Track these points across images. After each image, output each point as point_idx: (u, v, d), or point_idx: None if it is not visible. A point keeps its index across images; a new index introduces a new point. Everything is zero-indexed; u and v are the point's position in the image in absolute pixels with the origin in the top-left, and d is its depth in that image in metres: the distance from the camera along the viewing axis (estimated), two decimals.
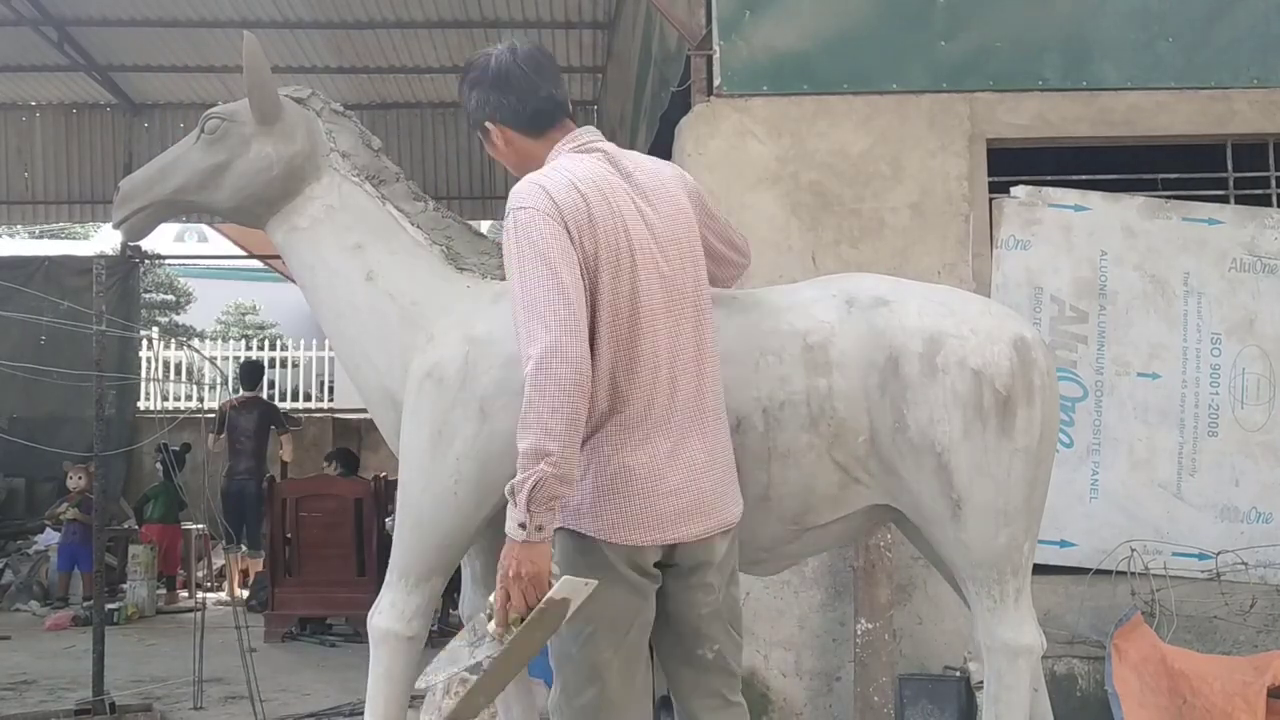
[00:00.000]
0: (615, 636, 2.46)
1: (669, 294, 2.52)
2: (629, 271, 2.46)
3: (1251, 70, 4.91)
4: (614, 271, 2.44)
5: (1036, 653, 3.08)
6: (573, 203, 2.43)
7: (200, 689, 5.63)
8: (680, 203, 2.64)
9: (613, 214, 2.48)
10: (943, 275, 4.67)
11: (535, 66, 2.64)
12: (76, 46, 9.91)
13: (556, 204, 2.42)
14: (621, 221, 2.48)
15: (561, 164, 2.56)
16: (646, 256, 2.50)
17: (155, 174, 3.47)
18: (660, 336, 2.49)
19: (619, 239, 2.46)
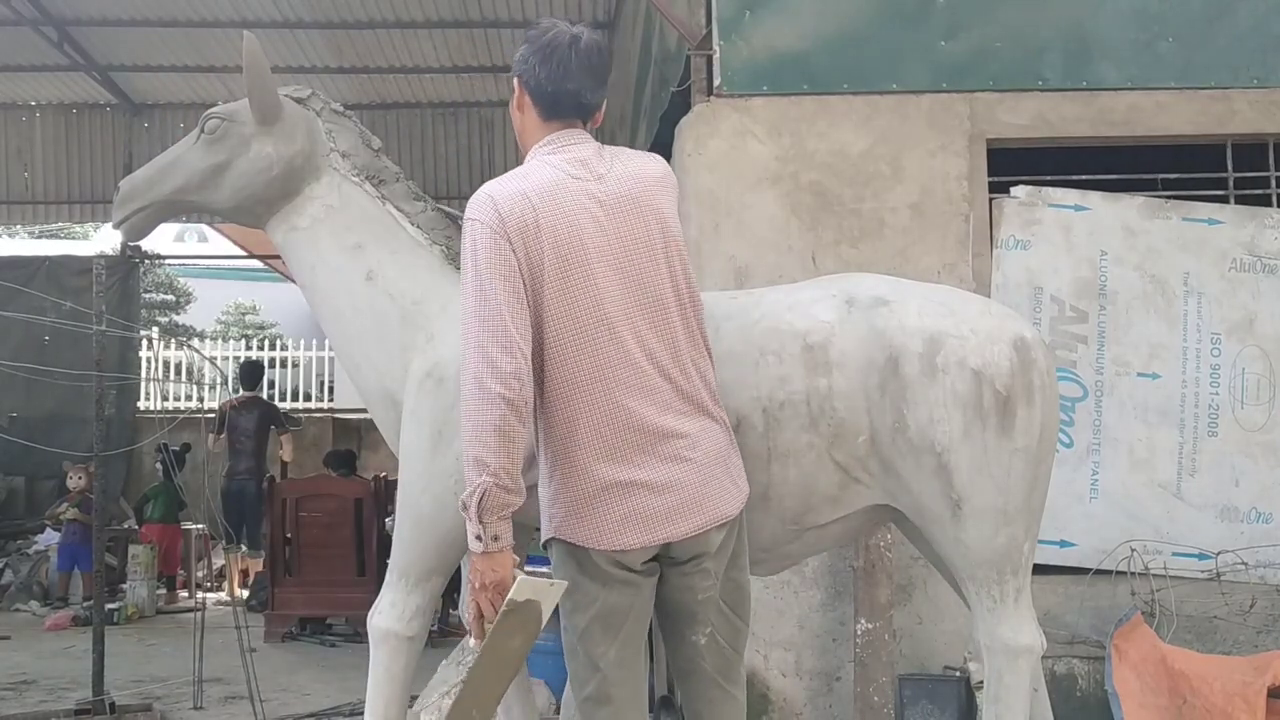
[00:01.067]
0: (610, 630, 2.52)
1: (637, 296, 2.52)
2: (583, 279, 2.47)
3: (1251, 70, 4.91)
4: (563, 281, 2.46)
5: (1036, 653, 3.08)
6: (519, 214, 2.45)
7: (200, 689, 5.63)
8: (656, 203, 2.61)
9: (566, 222, 2.48)
10: (943, 275, 4.67)
11: (585, 59, 2.63)
12: (76, 46, 9.91)
13: (502, 217, 2.45)
14: (576, 229, 2.49)
15: (525, 170, 2.59)
16: (608, 262, 2.50)
17: (155, 174, 3.47)
18: (627, 339, 2.49)
19: (571, 247, 2.47)
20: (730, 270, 4.73)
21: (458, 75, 10.52)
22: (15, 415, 10.49)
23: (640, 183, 2.61)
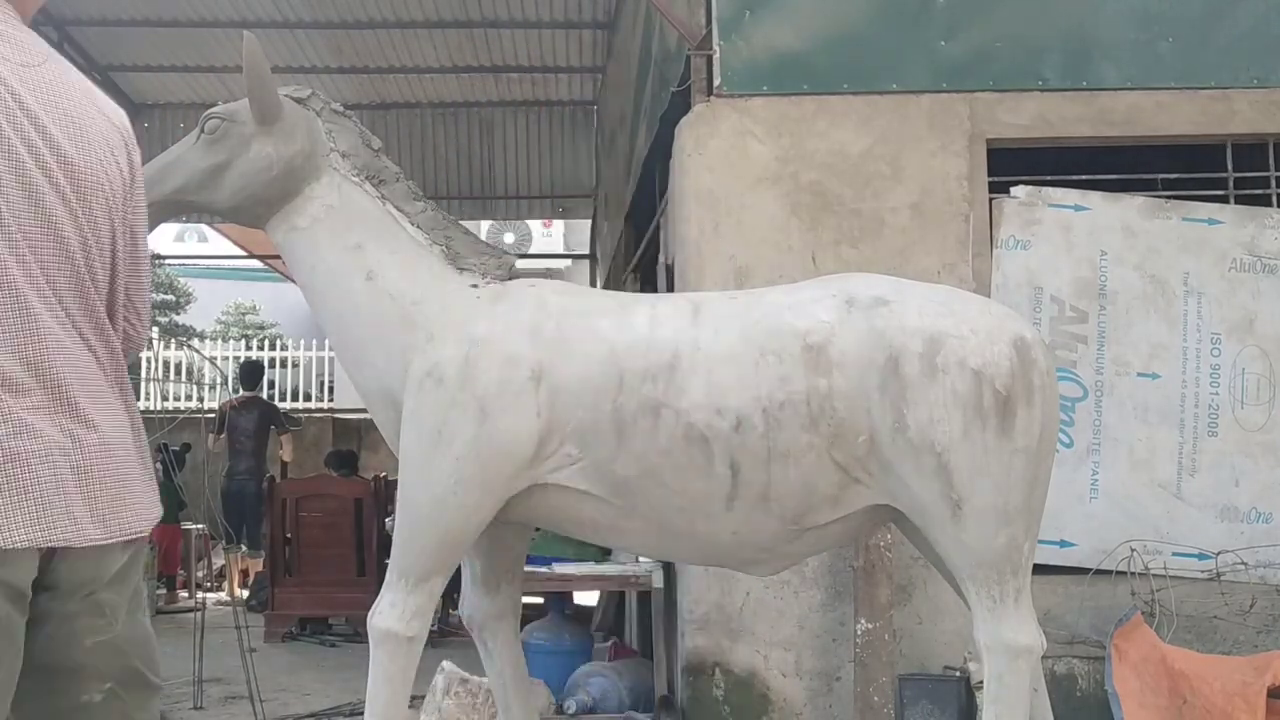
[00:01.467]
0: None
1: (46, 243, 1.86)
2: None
3: (1251, 70, 4.91)
4: None
5: (1036, 653, 3.08)
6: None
7: (200, 689, 5.62)
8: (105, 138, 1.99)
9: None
10: (943, 275, 4.67)
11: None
12: (76, 46, 9.90)
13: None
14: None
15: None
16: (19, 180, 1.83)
17: (155, 174, 3.46)
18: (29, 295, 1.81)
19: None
20: (730, 270, 4.73)
21: (457, 75, 10.51)
22: None
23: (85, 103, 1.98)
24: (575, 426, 3.07)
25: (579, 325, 3.16)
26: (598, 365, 3.08)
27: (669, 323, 3.15)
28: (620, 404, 3.05)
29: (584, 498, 3.14)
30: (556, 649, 5.29)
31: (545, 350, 3.10)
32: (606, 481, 3.10)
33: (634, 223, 7.92)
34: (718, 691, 4.61)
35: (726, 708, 4.60)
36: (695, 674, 4.61)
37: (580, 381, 3.07)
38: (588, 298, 3.45)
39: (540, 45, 9.85)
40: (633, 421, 3.04)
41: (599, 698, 4.91)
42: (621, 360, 3.08)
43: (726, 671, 4.62)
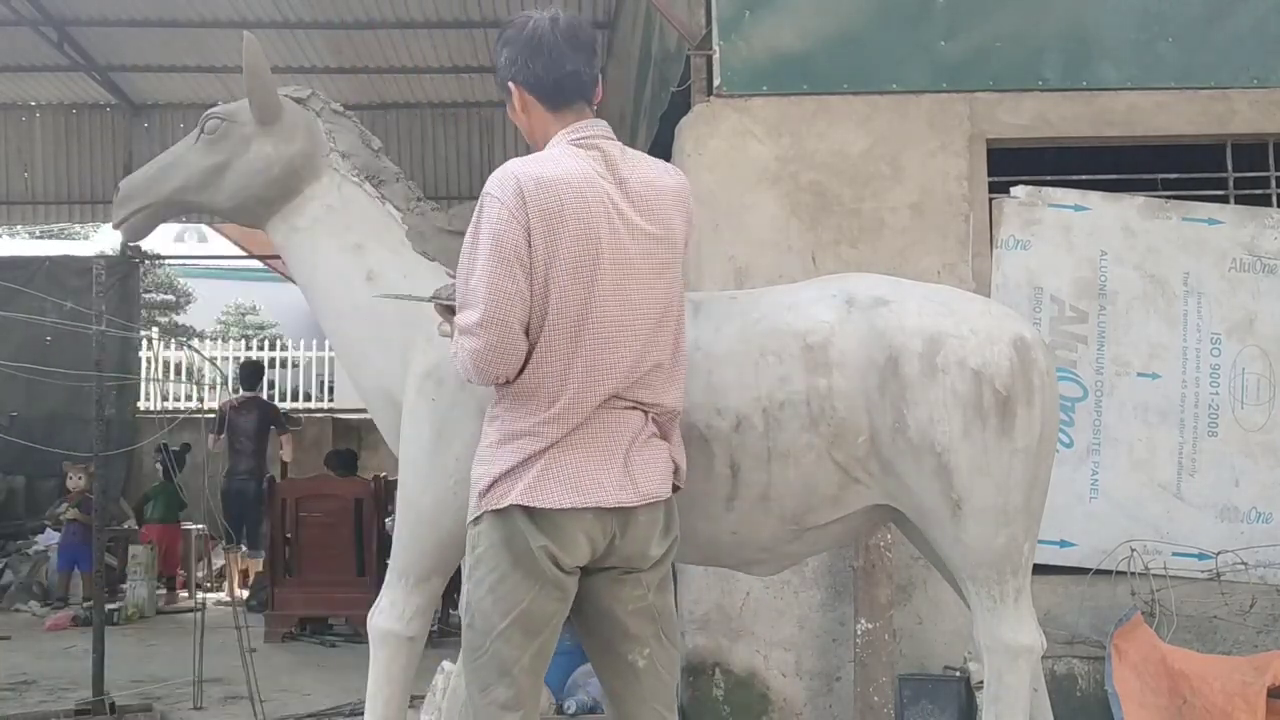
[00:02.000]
0: (530, 635, 2.47)
1: (628, 308, 2.50)
2: (585, 282, 2.45)
3: (1251, 70, 4.91)
4: (569, 280, 2.44)
5: (1036, 653, 3.08)
6: (542, 204, 2.43)
7: (200, 689, 5.62)
8: (670, 220, 2.60)
9: (585, 221, 2.45)
10: (943, 275, 4.67)
11: (571, 39, 2.60)
12: (76, 46, 9.91)
13: (525, 202, 2.42)
14: (593, 230, 2.46)
15: (551, 155, 2.55)
16: (610, 267, 2.47)
17: (155, 174, 3.47)
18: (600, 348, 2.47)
19: (584, 247, 2.44)
20: (730, 270, 4.73)
21: (457, 75, 10.52)
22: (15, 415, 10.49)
23: (657, 195, 2.59)
24: None
25: None
26: None
27: None
28: None
29: None
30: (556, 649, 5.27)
31: None
32: None
33: None
34: (718, 691, 4.61)
35: (726, 708, 4.60)
36: (695, 674, 4.61)
37: None
38: None
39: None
40: None
41: (599, 698, 4.91)
42: None
43: (726, 671, 4.62)
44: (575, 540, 2.45)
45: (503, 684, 2.45)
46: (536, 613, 2.45)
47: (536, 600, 2.44)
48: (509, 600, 2.43)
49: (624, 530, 2.50)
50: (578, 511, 2.44)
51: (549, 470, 2.44)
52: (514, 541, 2.44)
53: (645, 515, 2.53)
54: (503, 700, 2.45)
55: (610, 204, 2.50)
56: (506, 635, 2.44)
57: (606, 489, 2.46)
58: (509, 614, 2.44)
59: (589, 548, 2.48)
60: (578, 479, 2.45)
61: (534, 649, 2.47)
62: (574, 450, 2.46)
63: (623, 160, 2.59)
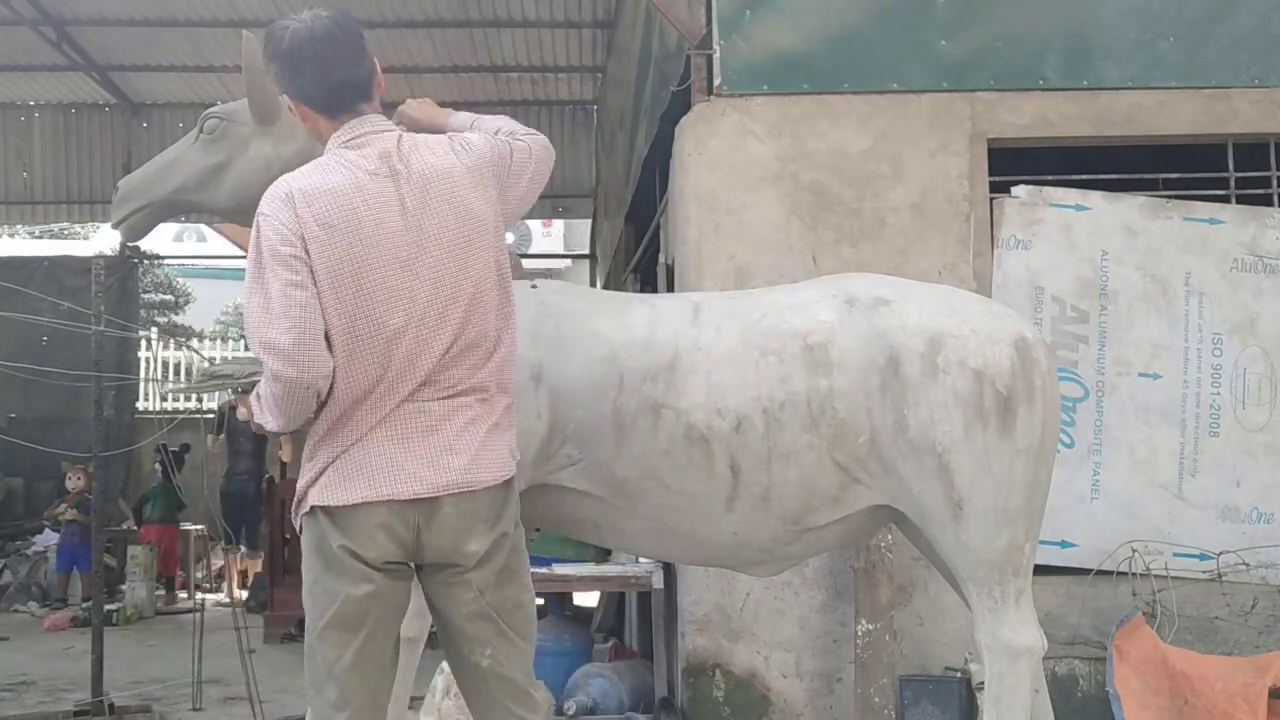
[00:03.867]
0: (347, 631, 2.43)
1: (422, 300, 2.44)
2: (366, 285, 2.40)
3: (1252, 70, 4.90)
4: (349, 285, 2.40)
5: (1037, 654, 3.07)
6: (315, 213, 2.41)
7: (199, 690, 5.62)
8: (464, 200, 2.52)
9: (356, 224, 2.42)
10: (943, 275, 4.66)
11: (333, 45, 2.53)
12: (75, 46, 9.90)
13: (297, 215, 2.41)
14: (365, 231, 2.42)
15: (321, 164, 2.52)
16: (401, 261, 2.43)
17: (154, 174, 3.45)
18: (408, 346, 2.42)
19: (358, 250, 2.41)
20: (730, 270, 4.72)
21: (457, 75, 10.51)
22: (14, 415, 10.49)
23: (441, 179, 2.52)
24: (575, 427, 3.06)
25: (579, 326, 3.15)
26: (598, 366, 3.07)
27: (669, 323, 3.14)
28: (620, 404, 3.04)
29: (584, 498, 3.13)
30: (556, 650, 5.27)
31: (545, 351, 3.09)
32: (607, 482, 3.09)
33: (634, 223, 7.92)
34: (718, 693, 4.61)
35: (727, 709, 4.60)
36: (695, 675, 4.60)
37: (580, 382, 3.06)
38: (588, 298, 3.43)
39: (540, 45, 9.85)
40: (633, 422, 3.03)
41: (599, 699, 4.90)
42: (621, 360, 3.07)
43: (727, 673, 4.61)
44: (372, 535, 2.41)
45: (330, 684, 2.43)
46: (350, 611, 2.41)
47: (349, 599, 2.41)
48: (323, 601, 2.43)
49: (429, 523, 2.44)
50: (370, 505, 2.40)
51: (343, 468, 2.42)
52: (322, 543, 2.44)
53: (453, 507, 2.44)
54: (332, 700, 2.43)
55: (389, 199, 2.46)
56: (325, 635, 2.43)
57: (401, 480, 2.41)
58: (324, 614, 2.43)
59: (391, 543, 2.43)
60: (371, 473, 2.41)
61: (355, 646, 2.42)
62: (371, 445, 2.42)
63: (398, 152, 2.52)
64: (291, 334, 2.35)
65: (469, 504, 2.45)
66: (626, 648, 5.90)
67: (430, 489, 2.41)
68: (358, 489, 2.40)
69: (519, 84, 10.86)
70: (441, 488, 2.42)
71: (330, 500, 2.41)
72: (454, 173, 2.54)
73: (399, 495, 2.40)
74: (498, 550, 2.50)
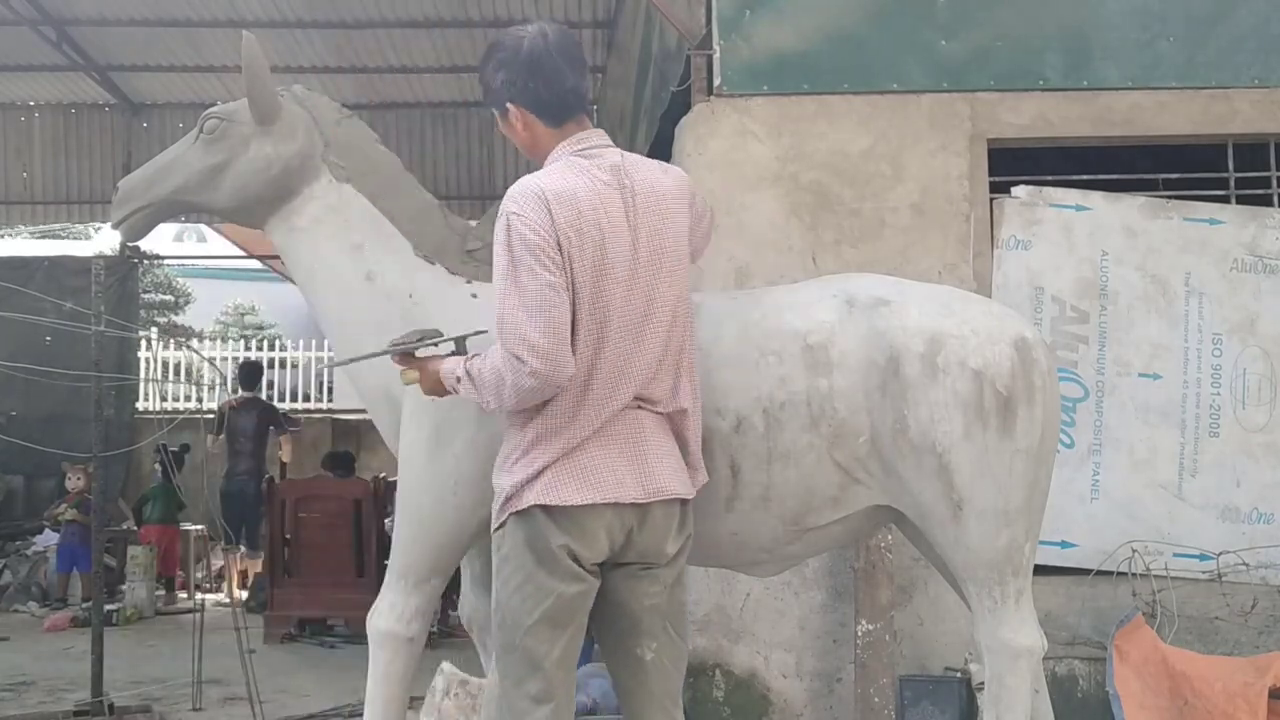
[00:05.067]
0: (558, 628, 2.55)
1: (642, 312, 2.58)
2: (606, 289, 2.54)
3: (1253, 70, 4.91)
4: (592, 288, 2.53)
5: (1037, 654, 3.07)
6: (566, 214, 2.52)
7: (199, 690, 5.61)
8: (676, 220, 2.67)
9: (602, 230, 2.55)
10: (943, 275, 4.66)
11: (565, 54, 2.67)
12: (75, 46, 9.89)
13: (551, 214, 2.51)
14: (609, 239, 2.55)
15: (559, 169, 2.62)
16: (624, 274, 2.56)
17: (154, 174, 3.45)
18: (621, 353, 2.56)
19: (603, 255, 2.54)
20: (730, 270, 4.72)
21: (457, 75, 10.50)
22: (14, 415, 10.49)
23: (660, 198, 2.66)
24: None
25: None
26: None
27: None
28: None
29: None
30: None
31: None
32: None
33: None
34: (718, 693, 4.61)
35: (727, 709, 4.60)
36: (695, 675, 4.60)
37: None
38: None
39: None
40: None
41: (599, 699, 4.89)
42: None
43: (727, 673, 4.61)
44: (595, 536, 2.54)
45: (535, 677, 2.53)
46: (562, 608, 2.53)
47: (561, 596, 2.53)
48: (535, 597, 2.53)
49: (641, 525, 2.58)
50: (596, 508, 2.53)
51: (567, 469, 2.54)
52: (536, 541, 2.54)
53: (661, 511, 2.61)
54: (535, 693, 2.53)
55: (620, 212, 2.59)
56: (534, 631, 2.53)
57: (625, 485, 2.55)
58: (535, 610, 2.52)
59: (608, 543, 2.56)
60: (596, 476, 2.54)
61: (563, 642, 2.55)
62: (592, 449, 2.56)
63: (625, 167, 2.65)
64: (548, 335, 2.46)
65: (671, 509, 2.64)
66: None
67: (646, 495, 2.58)
68: (586, 491, 2.53)
69: None
70: (653, 493, 2.59)
71: (556, 500, 2.52)
72: (669, 193, 2.68)
73: (622, 499, 2.55)
74: (683, 554, 2.69)
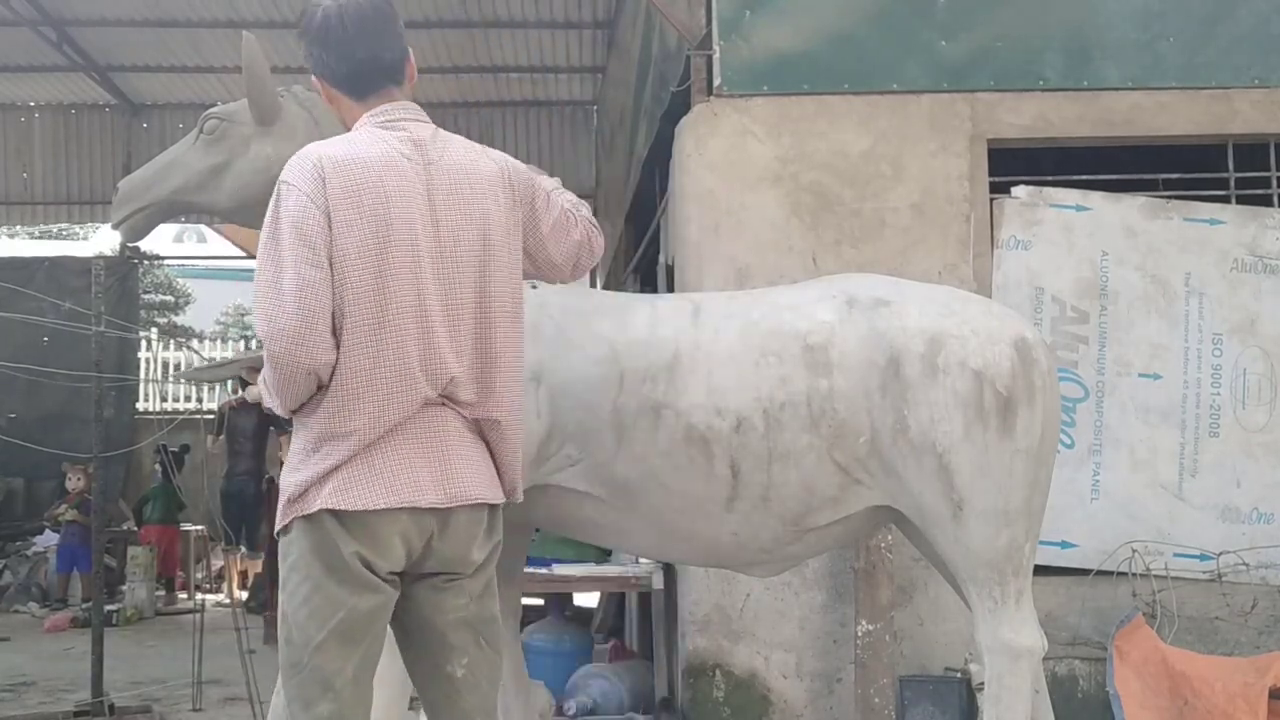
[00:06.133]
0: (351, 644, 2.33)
1: (433, 298, 2.36)
2: (384, 271, 2.32)
3: (1253, 70, 4.90)
4: (366, 268, 2.31)
5: (1037, 654, 3.07)
6: (342, 185, 2.33)
7: (199, 690, 5.62)
8: (486, 205, 2.46)
9: (385, 203, 2.35)
10: (943, 276, 4.66)
11: (361, 25, 2.50)
12: (75, 47, 9.90)
13: (324, 184, 2.33)
14: (391, 215, 2.34)
15: (353, 137, 2.48)
16: (409, 257, 2.35)
17: (154, 174, 3.45)
18: (406, 341, 2.33)
19: (382, 233, 2.33)
20: (731, 270, 4.72)
21: (457, 75, 10.51)
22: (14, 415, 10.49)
23: (470, 180, 2.46)
24: (575, 427, 3.06)
25: (579, 325, 3.15)
26: (598, 366, 3.07)
27: (669, 323, 3.14)
28: (620, 404, 3.04)
29: (584, 499, 3.13)
30: (557, 650, 5.27)
31: (545, 350, 3.09)
32: (606, 483, 3.09)
33: (634, 223, 7.92)
34: (718, 693, 4.60)
35: (727, 709, 4.59)
36: (696, 675, 4.60)
37: (580, 382, 3.06)
38: (588, 298, 3.43)
39: (540, 45, 9.85)
40: (633, 422, 3.03)
41: (599, 699, 4.90)
42: (622, 360, 3.07)
43: (727, 673, 4.61)
44: (390, 543, 2.33)
45: (326, 699, 2.30)
46: (355, 622, 2.31)
47: (354, 610, 2.30)
48: (325, 611, 2.30)
49: (443, 532, 2.38)
50: (391, 512, 2.31)
51: (359, 470, 2.31)
52: (325, 549, 2.31)
53: (465, 517, 2.40)
54: (326, 715, 2.30)
55: (417, 187, 2.40)
56: (325, 648, 2.30)
57: (423, 488, 2.34)
58: (325, 626, 2.30)
59: (404, 550, 2.35)
60: (392, 478, 2.32)
61: (357, 659, 2.33)
62: (387, 450, 2.33)
63: (432, 143, 2.49)
64: (298, 316, 2.25)
65: (477, 515, 2.43)
66: (626, 648, 5.90)
67: (447, 499, 2.37)
68: (381, 495, 2.30)
69: (518, 84, 10.85)
70: (455, 498, 2.38)
71: (347, 504, 2.29)
72: (481, 175, 2.49)
73: (419, 503, 2.33)
74: (491, 561, 2.48)
